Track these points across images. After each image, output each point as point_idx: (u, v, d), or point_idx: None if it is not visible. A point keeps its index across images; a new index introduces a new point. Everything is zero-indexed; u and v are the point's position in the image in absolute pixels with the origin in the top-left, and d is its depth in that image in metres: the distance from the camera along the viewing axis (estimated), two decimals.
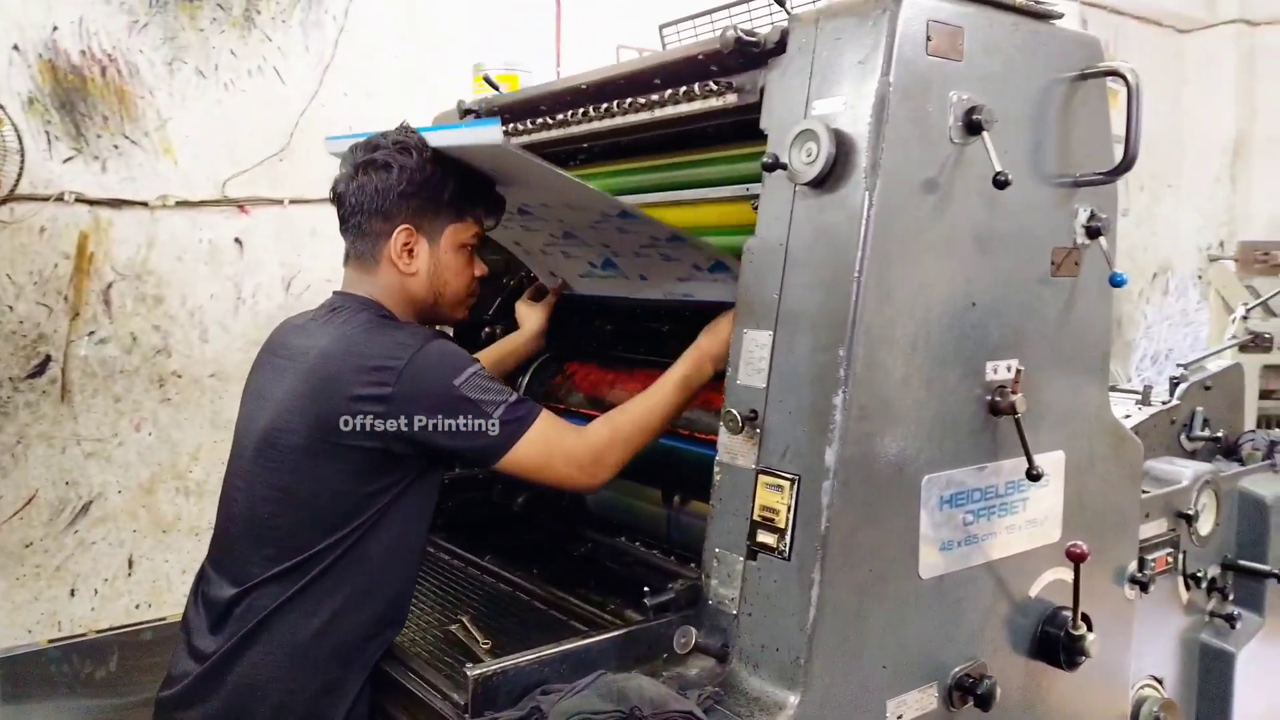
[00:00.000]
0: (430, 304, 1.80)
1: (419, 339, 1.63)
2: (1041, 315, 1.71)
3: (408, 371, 1.57)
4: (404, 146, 1.72)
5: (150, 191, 3.41)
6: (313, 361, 1.63)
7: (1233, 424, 2.87)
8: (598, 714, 1.32)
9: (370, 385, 1.56)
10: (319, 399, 1.59)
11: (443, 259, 1.78)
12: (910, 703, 1.57)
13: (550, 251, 2.26)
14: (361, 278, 1.76)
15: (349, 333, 1.65)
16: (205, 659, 1.61)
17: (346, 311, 1.70)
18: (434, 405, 1.57)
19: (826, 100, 1.51)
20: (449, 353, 1.63)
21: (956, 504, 1.62)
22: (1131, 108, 1.67)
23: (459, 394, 1.58)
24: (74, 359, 3.32)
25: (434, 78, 3.87)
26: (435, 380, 1.58)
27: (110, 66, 3.32)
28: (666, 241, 1.89)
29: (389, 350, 1.60)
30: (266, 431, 1.65)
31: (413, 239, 1.73)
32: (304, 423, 1.59)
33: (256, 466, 1.66)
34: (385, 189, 1.70)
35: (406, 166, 1.70)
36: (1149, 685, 2.29)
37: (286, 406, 1.63)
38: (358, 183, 1.71)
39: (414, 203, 1.72)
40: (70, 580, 3.37)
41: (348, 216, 1.75)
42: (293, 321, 1.84)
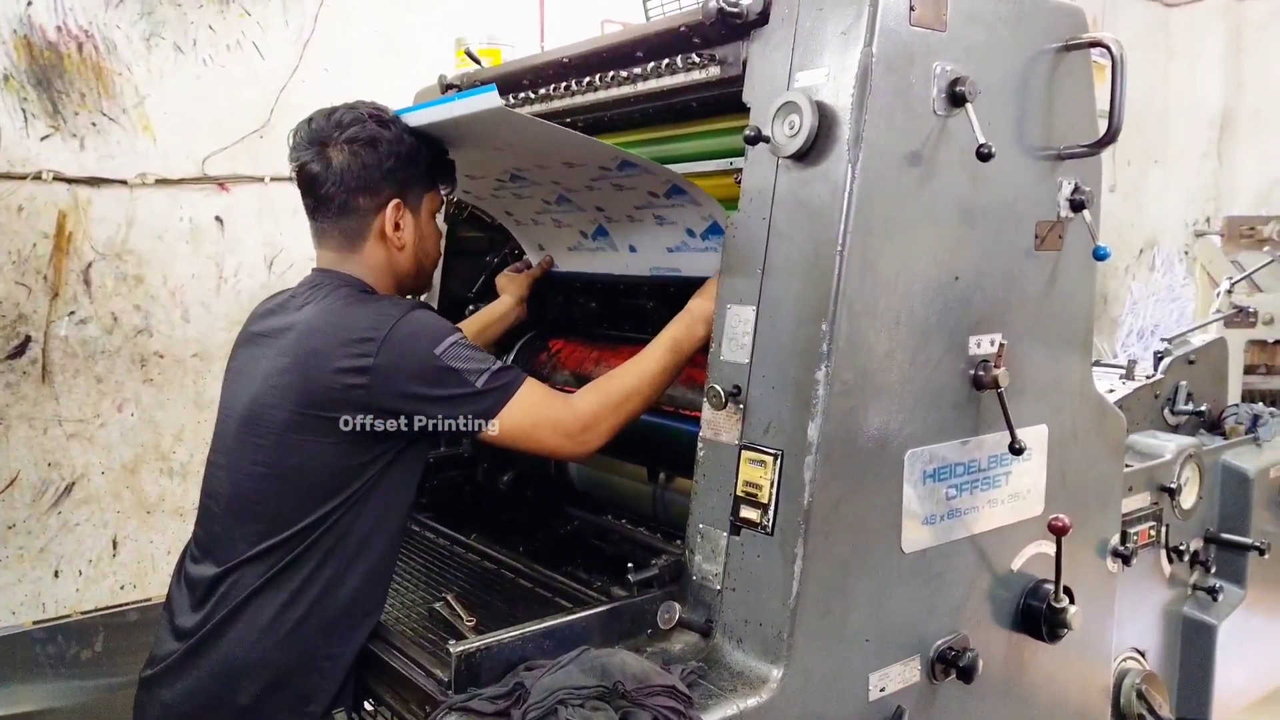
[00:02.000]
0: (413, 275, 1.79)
1: (400, 309, 1.61)
2: (1025, 289, 1.71)
3: (389, 342, 1.55)
4: (383, 119, 1.70)
5: (129, 169, 3.37)
6: (294, 337, 1.62)
7: (1216, 398, 2.89)
8: (580, 689, 1.32)
9: (353, 357, 1.54)
10: (302, 373, 1.57)
11: (424, 229, 1.77)
12: (893, 675, 1.57)
13: (542, 220, 2.24)
14: (344, 257, 1.73)
15: (330, 306, 1.63)
16: (188, 638, 1.61)
17: (326, 288, 1.68)
18: (416, 375, 1.55)
19: (809, 72, 1.49)
20: (430, 322, 1.61)
21: (939, 478, 1.62)
22: (1116, 79, 1.66)
23: (441, 363, 1.56)
24: (54, 339, 3.29)
25: (415, 52, 3.83)
26: (417, 350, 1.56)
27: (87, 43, 3.27)
28: (665, 197, 1.86)
29: (370, 321, 1.57)
30: (249, 409, 1.64)
31: (401, 213, 1.72)
32: (288, 398, 1.58)
33: (240, 444, 1.65)
34: (373, 164, 1.67)
35: (391, 140, 1.68)
36: (1131, 657, 2.31)
37: (270, 383, 1.62)
38: (340, 160, 1.67)
39: (399, 176, 1.70)
40: (54, 562, 3.36)
41: (329, 196, 1.69)
42: (273, 299, 1.81)
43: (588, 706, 1.29)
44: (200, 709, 1.59)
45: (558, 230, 2.23)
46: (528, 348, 2.49)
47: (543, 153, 1.87)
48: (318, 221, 1.74)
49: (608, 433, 1.69)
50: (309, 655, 1.59)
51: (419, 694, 1.53)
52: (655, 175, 1.78)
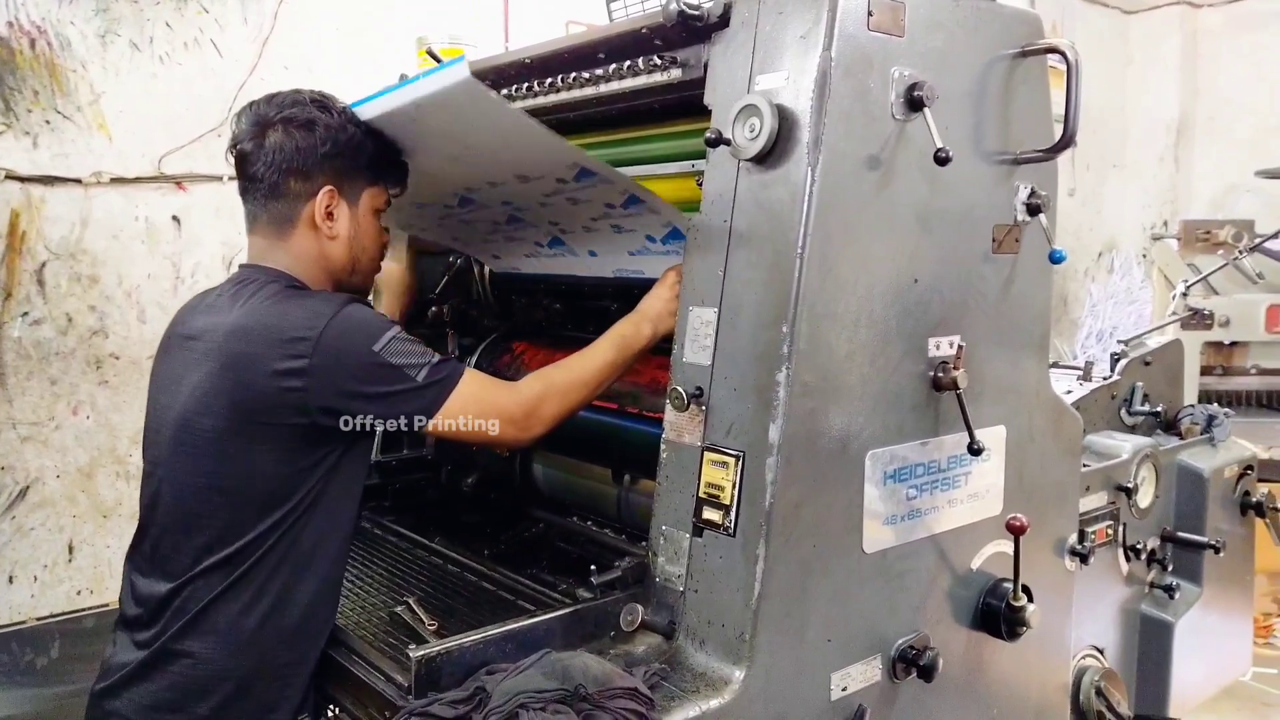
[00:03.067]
0: (347, 270, 1.73)
1: (333, 305, 1.56)
2: (983, 292, 1.73)
3: (324, 341, 1.51)
4: (324, 105, 1.66)
5: (84, 168, 3.30)
6: (222, 340, 1.56)
7: (1172, 399, 2.94)
8: (542, 692, 1.31)
9: (287, 359, 1.50)
10: (235, 379, 1.52)
11: (360, 224, 1.72)
12: (854, 675, 1.59)
13: (493, 239, 2.22)
14: (273, 245, 1.68)
15: (258, 306, 1.57)
16: (143, 649, 1.57)
17: (254, 285, 1.62)
18: (355, 373, 1.52)
19: (769, 75, 1.50)
20: (365, 318, 1.58)
21: (900, 479, 1.63)
22: (1071, 85, 1.68)
23: (380, 359, 1.53)
24: (7, 341, 3.22)
25: (377, 51, 3.80)
26: (354, 347, 1.53)
27: (40, 39, 3.20)
28: (622, 208, 1.85)
29: (303, 320, 1.53)
30: (182, 418, 1.58)
31: (334, 201, 1.66)
32: (223, 405, 1.53)
33: (177, 456, 1.59)
34: (307, 147, 1.62)
35: (330, 125, 1.64)
36: (1090, 655, 2.34)
37: (202, 390, 1.56)
38: (273, 140, 1.62)
39: (337, 163, 1.65)
40: (8, 567, 3.29)
41: (259, 176, 1.64)
42: (199, 301, 1.74)
43: (549, 710, 1.29)
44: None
45: (509, 244, 2.21)
46: (491, 349, 2.48)
47: (498, 160, 1.81)
48: (248, 204, 1.69)
49: (551, 420, 1.68)
50: (269, 664, 1.56)
51: (379, 700, 1.51)
52: (613, 184, 1.76)
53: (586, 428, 2.10)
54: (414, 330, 2.40)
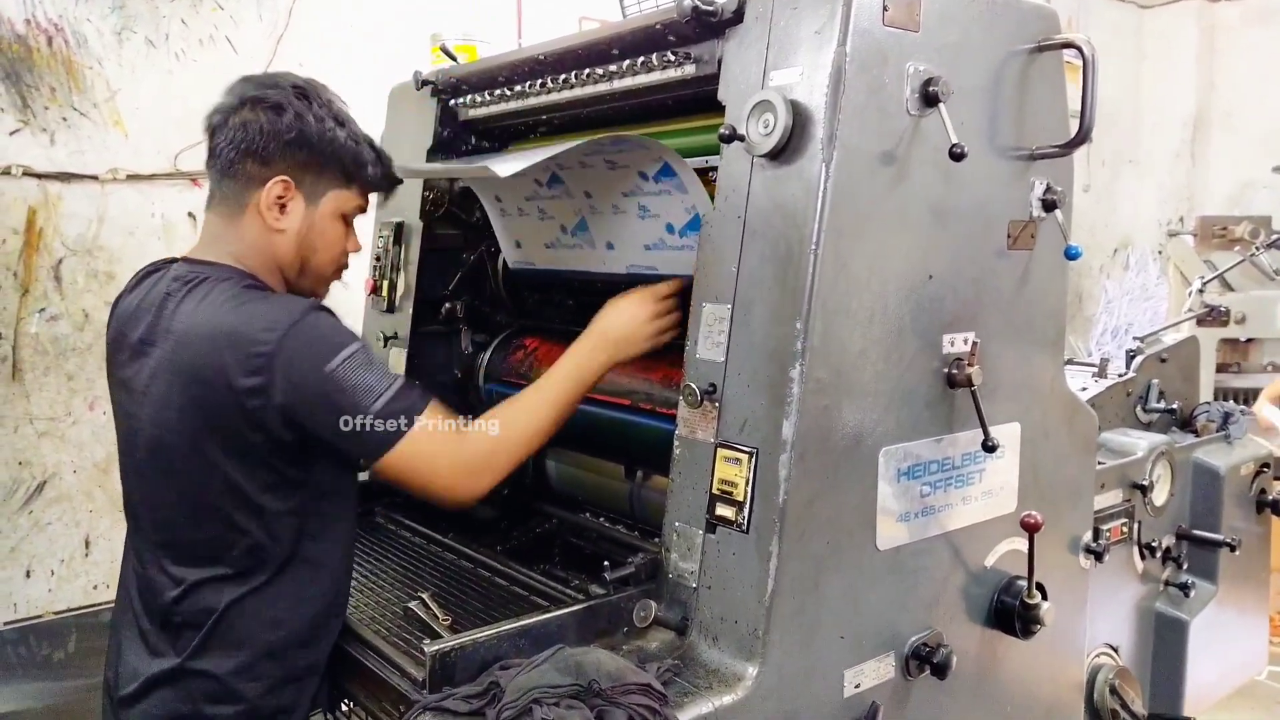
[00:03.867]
0: (295, 269, 1.63)
1: (290, 314, 1.45)
2: (997, 288, 1.72)
3: (280, 355, 1.41)
4: (304, 93, 1.58)
5: (100, 165, 3.32)
6: (174, 347, 1.48)
7: (1188, 396, 2.92)
8: (555, 688, 1.32)
9: (246, 375, 1.41)
10: (199, 395, 1.45)
11: (318, 224, 1.62)
12: (867, 672, 1.58)
13: (527, 211, 2.23)
14: (224, 228, 1.59)
15: (214, 312, 1.47)
16: (159, 660, 1.55)
17: (207, 284, 1.52)
18: (307, 393, 1.42)
19: (783, 71, 1.50)
20: (322, 332, 1.46)
21: (914, 476, 1.63)
22: (1087, 80, 1.67)
23: (332, 381, 1.42)
24: (25, 337, 3.24)
25: (391, 48, 3.81)
26: (307, 365, 1.42)
27: (57, 36, 3.22)
28: (654, 180, 1.85)
29: (260, 331, 1.43)
30: (151, 433, 1.52)
31: (289, 193, 1.57)
32: (190, 423, 1.46)
33: (154, 472, 1.54)
34: (271, 131, 1.54)
35: (302, 114, 1.56)
36: (1104, 653, 2.33)
37: (165, 403, 1.49)
38: (241, 117, 1.54)
39: (300, 155, 1.57)
40: (26, 561, 3.31)
41: (218, 151, 1.56)
42: (138, 293, 1.63)
43: (563, 705, 1.29)
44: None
45: (539, 224, 2.22)
46: (504, 345, 2.49)
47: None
48: (210, 176, 1.61)
49: (504, 471, 1.58)
50: (288, 671, 1.56)
51: (394, 694, 1.52)
52: (649, 150, 1.76)
53: (599, 424, 2.10)
54: (428, 326, 2.44)
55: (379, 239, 2.48)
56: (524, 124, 2.31)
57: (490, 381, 2.46)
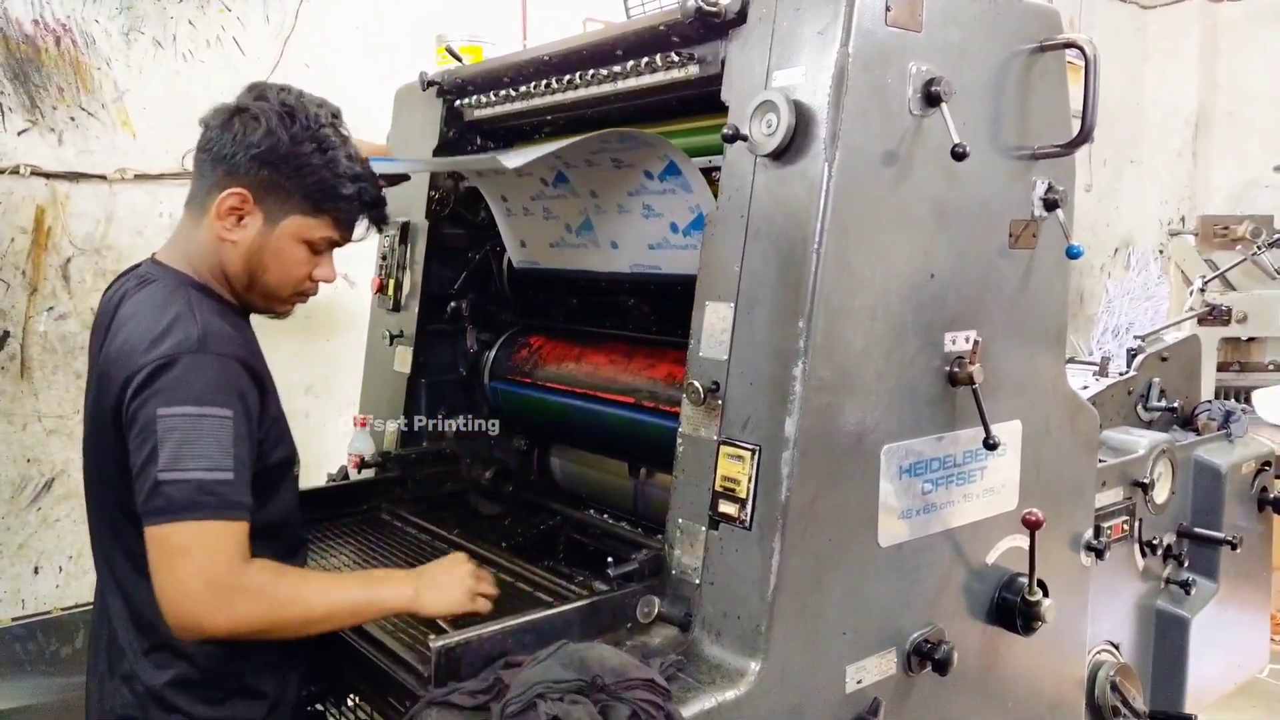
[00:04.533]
0: (242, 282, 1.60)
1: (183, 344, 1.42)
2: (999, 287, 1.73)
3: (151, 374, 1.40)
4: (290, 113, 1.55)
5: (108, 164, 3.34)
6: (104, 347, 1.53)
7: (1189, 395, 2.93)
8: (559, 683, 1.33)
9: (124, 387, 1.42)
10: (104, 399, 1.48)
11: (273, 244, 1.57)
12: (869, 668, 1.60)
13: (532, 210, 2.24)
14: (190, 227, 1.60)
15: (135, 316, 1.50)
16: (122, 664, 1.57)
17: (153, 284, 1.55)
18: (138, 425, 1.39)
19: (786, 71, 1.51)
20: (184, 378, 1.40)
21: (915, 473, 1.64)
22: (1089, 79, 1.68)
23: (150, 421, 1.37)
24: (33, 335, 3.26)
25: (397, 48, 3.82)
26: (152, 395, 1.39)
27: (65, 37, 3.24)
28: (659, 179, 1.86)
29: (150, 345, 1.43)
30: (88, 430, 1.59)
31: (246, 207, 1.54)
32: (96, 416, 1.51)
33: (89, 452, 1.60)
34: (242, 142, 1.52)
35: (275, 133, 1.52)
36: (1105, 650, 2.34)
37: (93, 391, 1.56)
38: (224, 121, 1.55)
39: (265, 172, 1.53)
40: (34, 558, 3.33)
41: (203, 148, 1.58)
42: (116, 291, 1.65)
43: (566, 700, 1.30)
44: None
45: (544, 223, 2.24)
46: (509, 344, 2.50)
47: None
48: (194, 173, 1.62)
49: (241, 623, 1.38)
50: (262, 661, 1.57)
51: (399, 689, 1.54)
52: (655, 148, 1.78)
53: (603, 422, 2.12)
54: (434, 325, 2.45)
55: (385, 238, 2.50)
56: (529, 124, 2.32)
57: (495, 380, 2.48)
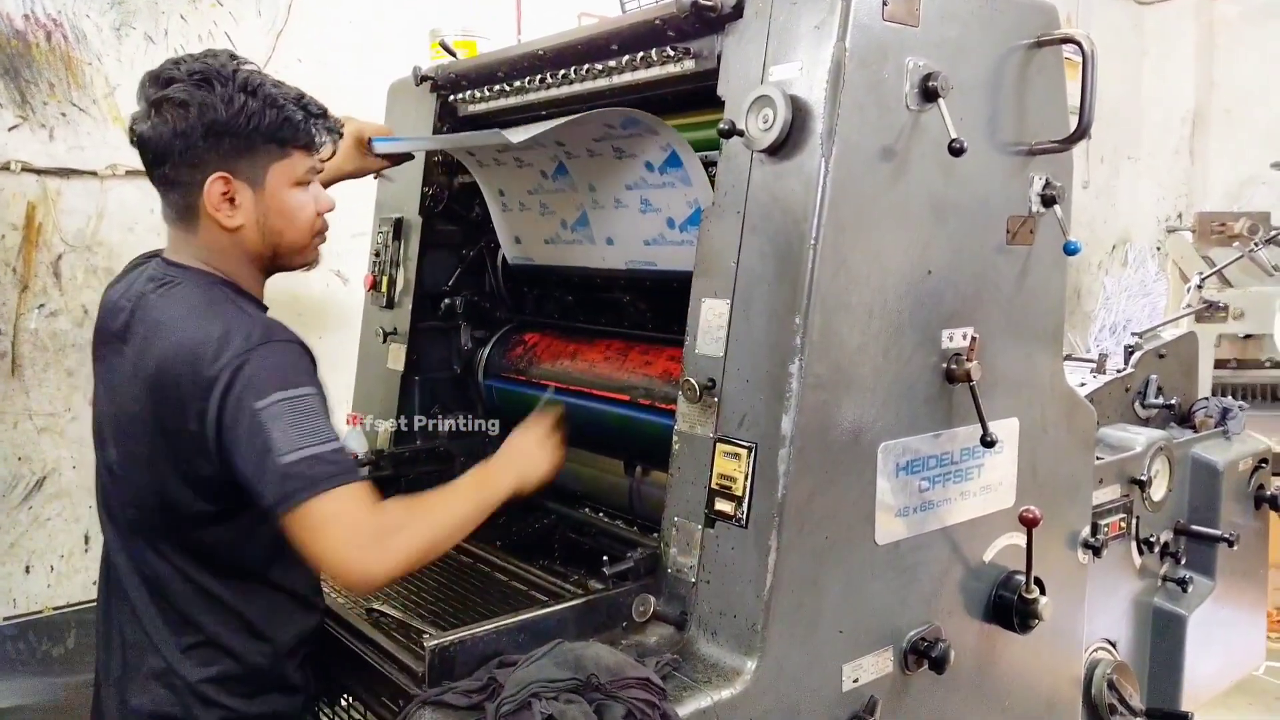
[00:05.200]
0: (267, 256, 1.57)
1: (250, 339, 1.41)
2: (996, 283, 1.72)
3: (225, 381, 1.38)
4: (203, 77, 1.45)
5: (99, 161, 3.32)
6: (140, 352, 1.48)
7: (1186, 392, 2.92)
8: (554, 682, 1.32)
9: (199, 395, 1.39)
10: (157, 402, 1.44)
11: (271, 203, 1.52)
12: (866, 666, 1.59)
13: (529, 204, 2.22)
14: (186, 239, 1.54)
15: (176, 324, 1.45)
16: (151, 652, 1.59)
17: (179, 287, 1.50)
18: (239, 431, 1.37)
19: (783, 66, 1.50)
20: (268, 366, 1.40)
21: (912, 470, 1.63)
22: (1087, 75, 1.67)
23: (259, 419, 1.36)
24: (24, 332, 3.24)
25: (390, 43, 3.80)
26: (245, 395, 1.37)
27: (55, 32, 3.22)
28: (659, 171, 1.85)
29: (216, 345, 1.40)
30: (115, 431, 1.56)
31: (231, 187, 1.48)
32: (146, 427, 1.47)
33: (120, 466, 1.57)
34: (185, 131, 1.44)
35: (208, 104, 1.44)
36: (1102, 648, 2.33)
37: (130, 404, 1.49)
38: (153, 126, 1.45)
39: (224, 145, 1.46)
40: (25, 557, 3.31)
41: (152, 164, 1.49)
42: (129, 289, 1.61)
43: (561, 699, 1.29)
44: None
45: (540, 218, 2.22)
46: (504, 341, 2.49)
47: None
48: (157, 191, 1.54)
49: (403, 560, 1.42)
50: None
51: (393, 688, 1.53)
52: (659, 135, 1.77)
53: (598, 419, 2.11)
54: (428, 322, 2.44)
55: (378, 234, 2.48)
56: (523, 119, 2.30)
57: (490, 377, 2.46)
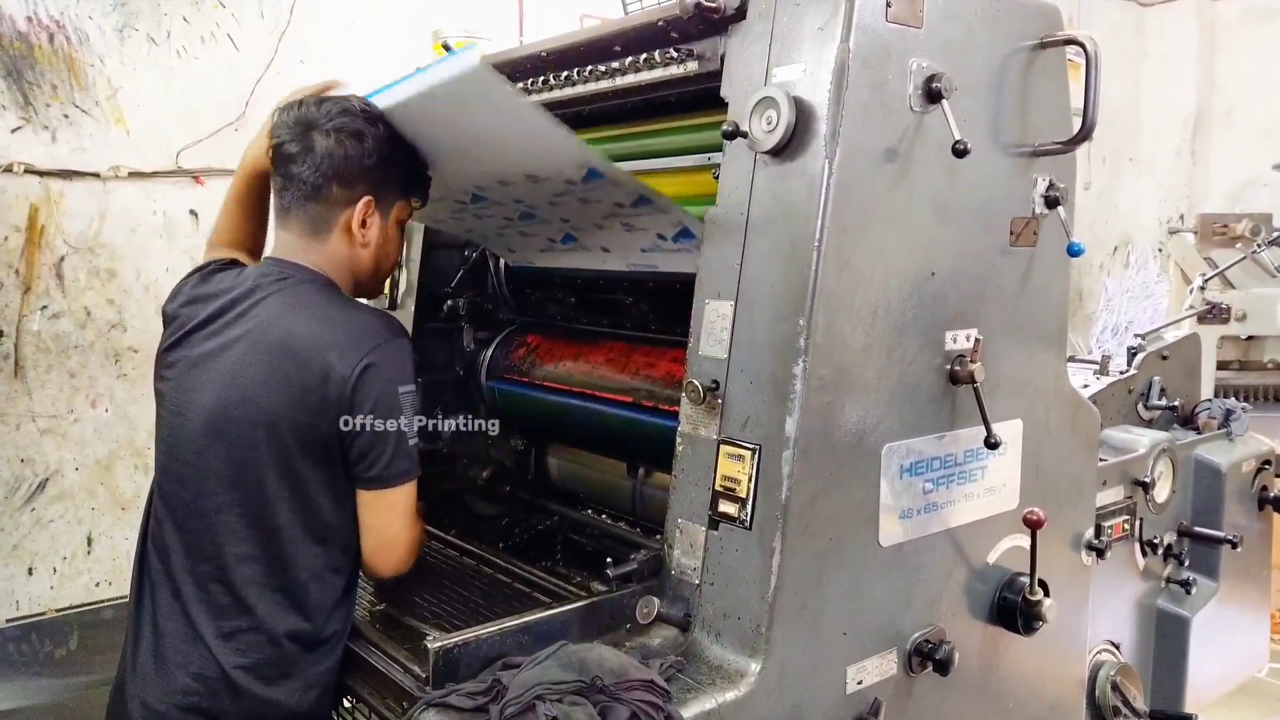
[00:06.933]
0: (369, 275, 1.78)
1: (390, 328, 1.64)
2: (1000, 285, 1.72)
3: (373, 360, 1.56)
4: (372, 118, 1.70)
5: (102, 162, 3.33)
6: (263, 332, 1.60)
7: (1189, 393, 2.92)
8: (559, 684, 1.32)
9: (343, 364, 1.54)
10: (290, 383, 1.56)
11: (389, 234, 1.77)
12: (870, 668, 1.58)
13: (507, 233, 2.22)
14: (307, 244, 1.70)
15: (309, 302, 1.63)
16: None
17: (295, 283, 1.66)
18: (379, 403, 1.56)
19: (786, 67, 1.49)
20: (406, 356, 1.63)
21: (916, 472, 1.63)
22: (1090, 76, 1.67)
23: (403, 402, 1.58)
24: (27, 334, 3.25)
25: (392, 45, 3.81)
26: (390, 378, 1.58)
27: (58, 33, 3.22)
28: (631, 207, 1.85)
29: (360, 329, 1.60)
30: (218, 410, 1.59)
31: (370, 211, 1.70)
32: (272, 405, 1.56)
33: (213, 444, 1.60)
34: (356, 157, 1.66)
35: (378, 138, 1.68)
36: (1106, 650, 2.33)
37: (241, 381, 1.57)
38: (323, 146, 1.65)
39: (377, 175, 1.69)
40: (28, 559, 3.32)
41: (303, 178, 1.66)
42: (227, 283, 1.73)
43: (566, 701, 1.29)
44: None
45: (524, 238, 2.21)
46: (506, 342, 2.49)
47: (508, 157, 1.80)
48: (284, 199, 1.70)
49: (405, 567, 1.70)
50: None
51: (396, 690, 1.52)
52: (622, 186, 1.75)
53: (601, 421, 2.11)
54: (430, 324, 2.44)
55: None
56: None
57: (492, 379, 2.46)
